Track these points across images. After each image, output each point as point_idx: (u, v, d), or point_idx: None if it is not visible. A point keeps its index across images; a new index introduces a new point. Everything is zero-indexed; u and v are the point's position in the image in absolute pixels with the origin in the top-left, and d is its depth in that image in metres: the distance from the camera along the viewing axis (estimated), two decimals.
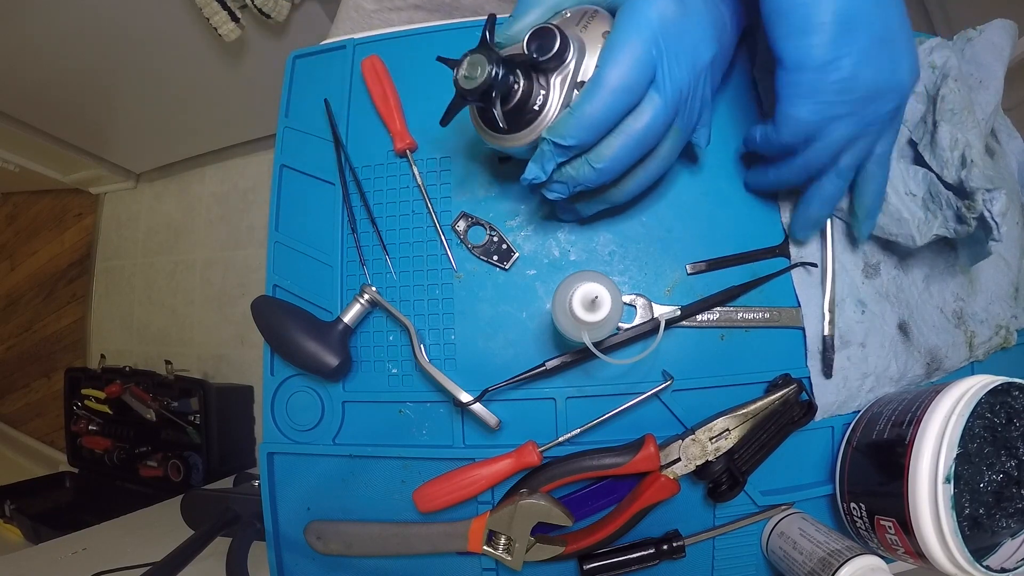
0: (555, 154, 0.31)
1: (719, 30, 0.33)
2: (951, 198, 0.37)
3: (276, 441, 0.43)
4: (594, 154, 0.31)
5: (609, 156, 0.31)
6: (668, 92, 0.30)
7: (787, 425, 0.39)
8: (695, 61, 0.31)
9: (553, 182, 0.33)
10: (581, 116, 0.29)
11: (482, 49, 0.30)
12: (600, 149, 0.31)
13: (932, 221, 0.38)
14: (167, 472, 1.32)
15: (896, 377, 0.41)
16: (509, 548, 0.38)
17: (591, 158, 0.31)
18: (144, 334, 1.61)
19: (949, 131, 0.38)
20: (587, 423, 0.40)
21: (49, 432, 1.68)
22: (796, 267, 0.41)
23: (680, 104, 0.31)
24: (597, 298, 0.32)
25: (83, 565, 0.74)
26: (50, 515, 1.27)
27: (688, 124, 0.33)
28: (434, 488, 0.40)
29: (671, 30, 0.29)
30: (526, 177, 0.32)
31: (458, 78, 0.30)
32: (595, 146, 0.31)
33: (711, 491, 0.39)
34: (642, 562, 0.38)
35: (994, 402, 0.33)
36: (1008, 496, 0.32)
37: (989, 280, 0.44)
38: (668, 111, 0.31)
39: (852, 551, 0.34)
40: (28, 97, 1.23)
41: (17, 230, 1.84)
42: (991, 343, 0.43)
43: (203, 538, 0.55)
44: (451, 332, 0.42)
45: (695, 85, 0.31)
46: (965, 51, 0.44)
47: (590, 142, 0.31)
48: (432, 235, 0.44)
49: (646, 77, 0.29)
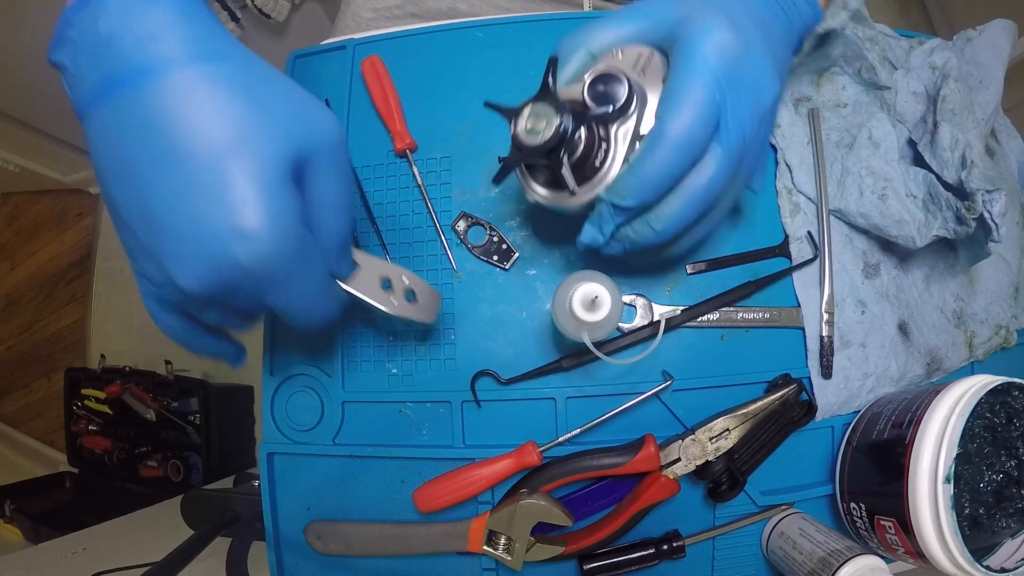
0: (615, 216, 0.29)
1: (779, 63, 0.30)
2: (951, 199, 0.37)
3: (276, 441, 0.43)
4: (654, 215, 0.29)
5: (670, 216, 0.29)
6: (732, 143, 0.28)
7: (787, 425, 0.39)
8: (758, 102, 0.28)
9: (611, 242, 0.31)
10: (643, 175, 0.27)
11: (547, 98, 0.27)
12: (661, 209, 0.29)
13: (932, 222, 0.38)
14: (167, 472, 1.32)
15: (896, 377, 0.41)
16: (509, 548, 0.38)
17: (651, 219, 0.29)
18: (144, 334, 1.61)
19: (950, 131, 0.38)
20: (587, 423, 0.40)
21: (49, 432, 1.67)
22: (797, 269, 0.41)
23: (744, 153, 0.29)
24: (597, 298, 0.32)
25: (83, 565, 0.74)
26: (50, 515, 1.27)
27: (749, 172, 0.31)
28: (434, 488, 0.40)
29: (731, 69, 0.27)
30: (583, 241, 0.30)
31: (518, 132, 0.27)
32: (656, 205, 0.29)
33: (711, 491, 0.39)
34: (642, 562, 0.38)
35: (994, 402, 0.33)
36: (1008, 496, 0.32)
37: (989, 280, 0.44)
38: (732, 164, 0.28)
39: (852, 551, 0.34)
40: (28, 97, 1.23)
41: (17, 230, 1.83)
42: (991, 343, 0.43)
43: (203, 538, 0.55)
44: (451, 332, 0.42)
45: (757, 130, 0.29)
46: (965, 51, 0.44)
47: (651, 202, 0.28)
48: (432, 235, 0.44)
49: (710, 127, 0.27)
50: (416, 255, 0.44)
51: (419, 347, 0.43)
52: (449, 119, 0.45)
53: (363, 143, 0.46)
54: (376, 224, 0.44)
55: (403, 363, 0.43)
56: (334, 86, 0.47)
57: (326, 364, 0.43)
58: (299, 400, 0.43)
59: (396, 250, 0.44)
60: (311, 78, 0.48)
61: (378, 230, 0.44)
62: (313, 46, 0.49)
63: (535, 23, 0.46)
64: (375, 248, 0.44)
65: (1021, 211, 0.46)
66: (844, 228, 0.42)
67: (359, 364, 0.43)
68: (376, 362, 0.43)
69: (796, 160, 0.42)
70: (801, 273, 0.41)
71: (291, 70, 0.49)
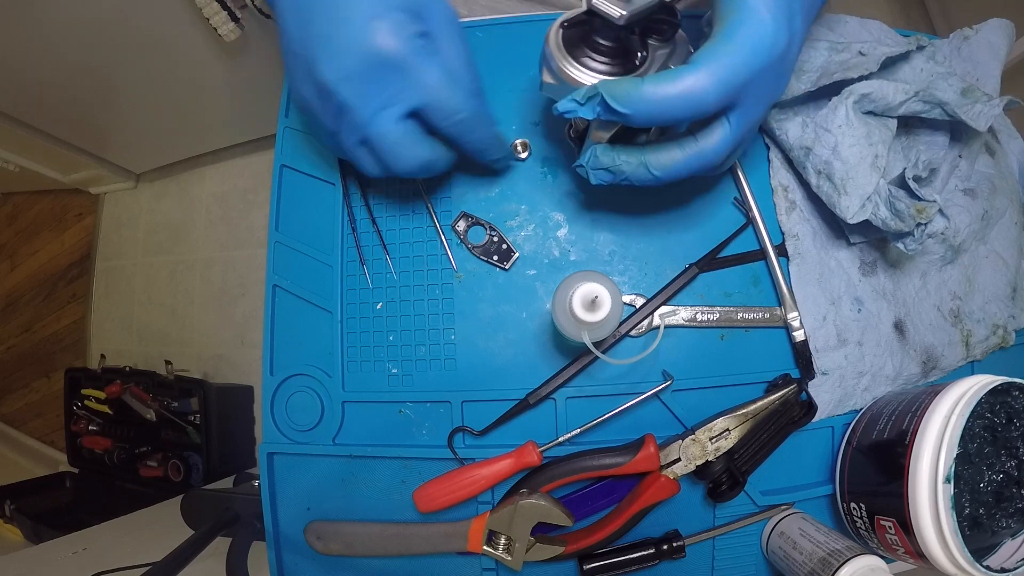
0: (596, 108, 0.29)
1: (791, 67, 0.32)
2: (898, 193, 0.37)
3: (276, 441, 0.43)
4: (655, 160, 0.31)
5: (672, 166, 0.31)
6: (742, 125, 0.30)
7: (787, 425, 0.39)
8: (772, 100, 0.31)
9: (603, 169, 0.33)
10: (648, 93, 0.28)
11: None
12: (662, 157, 0.31)
13: (873, 207, 0.37)
14: (167, 472, 1.32)
15: (892, 376, 0.41)
16: (509, 548, 0.38)
17: (651, 163, 0.31)
18: (144, 334, 1.61)
19: None
20: (587, 423, 0.40)
21: (49, 432, 1.67)
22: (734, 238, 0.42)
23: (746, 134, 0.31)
24: (597, 298, 0.32)
25: (83, 565, 0.74)
26: (50, 515, 1.27)
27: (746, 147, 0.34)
28: (434, 488, 0.40)
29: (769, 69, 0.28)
30: (558, 108, 0.31)
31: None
32: (658, 151, 0.31)
33: (711, 491, 0.39)
34: (642, 562, 0.39)
35: (994, 402, 0.33)
36: (1008, 496, 0.32)
37: (987, 280, 0.44)
38: (737, 140, 0.30)
39: (852, 551, 0.34)
40: (28, 97, 1.23)
41: (17, 230, 1.83)
42: (988, 343, 0.43)
43: (203, 538, 0.55)
44: (451, 332, 0.42)
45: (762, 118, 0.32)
46: (962, 50, 0.44)
47: (635, 123, 0.29)
48: (432, 235, 0.44)
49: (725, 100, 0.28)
50: (416, 255, 0.44)
51: (419, 347, 0.43)
52: None
53: None
54: (376, 224, 0.44)
55: (403, 363, 0.43)
56: None
57: (326, 364, 0.43)
58: (299, 400, 0.43)
59: (396, 250, 0.44)
60: None
61: (378, 230, 0.44)
62: None
63: (535, 23, 0.46)
64: (375, 248, 0.44)
65: (1021, 211, 0.46)
66: (842, 226, 0.42)
67: (359, 364, 0.43)
68: (376, 362, 0.43)
69: None
70: (797, 271, 0.41)
71: None
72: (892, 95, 0.38)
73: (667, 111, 0.28)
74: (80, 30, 1.05)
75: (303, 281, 0.45)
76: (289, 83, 0.35)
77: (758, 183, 0.43)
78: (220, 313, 1.53)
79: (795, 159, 0.41)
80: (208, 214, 1.59)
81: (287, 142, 0.47)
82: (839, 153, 0.38)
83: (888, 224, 0.36)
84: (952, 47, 0.44)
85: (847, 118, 0.38)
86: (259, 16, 1.00)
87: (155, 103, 1.31)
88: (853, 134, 0.38)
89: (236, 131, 1.50)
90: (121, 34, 1.08)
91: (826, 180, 0.39)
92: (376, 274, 0.44)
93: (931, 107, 0.39)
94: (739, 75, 0.27)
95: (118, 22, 1.04)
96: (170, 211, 1.64)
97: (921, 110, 0.39)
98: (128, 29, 1.06)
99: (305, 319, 0.44)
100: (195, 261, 1.58)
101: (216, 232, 1.58)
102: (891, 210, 0.36)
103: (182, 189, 1.64)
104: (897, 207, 0.36)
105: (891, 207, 0.36)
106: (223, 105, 1.36)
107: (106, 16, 1.02)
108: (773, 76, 0.29)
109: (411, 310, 0.43)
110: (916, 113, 0.39)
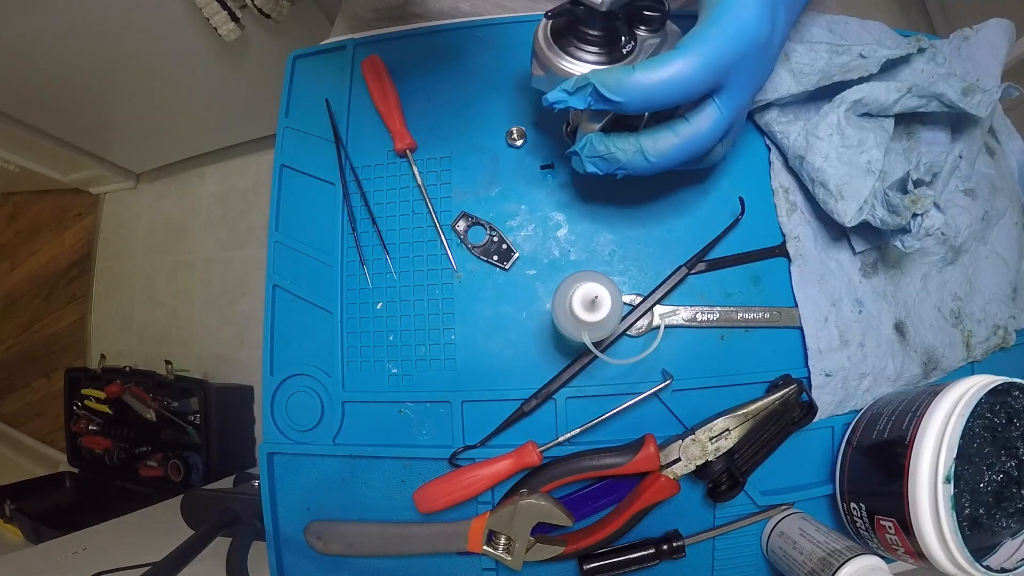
0: (591, 101, 0.29)
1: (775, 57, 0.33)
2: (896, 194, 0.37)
3: (276, 441, 0.43)
4: (650, 145, 0.31)
5: (666, 152, 0.31)
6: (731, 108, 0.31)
7: (787, 425, 0.39)
8: (757, 86, 0.32)
9: (598, 157, 0.33)
10: (640, 79, 0.28)
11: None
12: (658, 143, 0.31)
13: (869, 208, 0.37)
14: (167, 472, 1.32)
15: (893, 377, 0.41)
16: (509, 548, 0.38)
17: (647, 149, 0.31)
18: (144, 334, 1.61)
19: None
20: (587, 423, 0.40)
21: (49, 432, 1.67)
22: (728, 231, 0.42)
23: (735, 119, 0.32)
24: (597, 298, 0.32)
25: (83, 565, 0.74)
26: (50, 515, 1.27)
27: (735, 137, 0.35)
28: (434, 488, 0.40)
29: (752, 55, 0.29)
30: (548, 99, 0.31)
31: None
32: (653, 137, 0.31)
33: (711, 491, 0.39)
34: (642, 562, 0.39)
35: (994, 402, 0.33)
36: (1008, 496, 0.32)
37: (987, 280, 0.44)
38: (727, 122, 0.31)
39: (852, 551, 0.34)
40: (28, 97, 1.23)
41: (17, 230, 1.83)
42: (989, 343, 0.43)
43: (203, 538, 0.55)
44: (451, 332, 0.42)
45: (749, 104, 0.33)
46: (962, 50, 0.44)
47: (628, 110, 0.29)
48: (432, 235, 0.44)
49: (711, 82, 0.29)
50: (416, 255, 0.44)
51: (419, 347, 0.43)
52: (449, 119, 0.45)
53: (363, 143, 0.46)
54: (376, 224, 0.44)
55: (403, 363, 0.43)
56: (334, 86, 0.47)
57: (326, 364, 0.43)
58: (299, 400, 0.43)
59: (396, 250, 0.44)
60: (311, 78, 0.48)
61: (378, 230, 0.44)
62: (313, 46, 0.49)
63: (535, 23, 0.46)
64: (375, 248, 0.44)
65: (1021, 211, 0.46)
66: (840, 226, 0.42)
67: (359, 364, 0.43)
68: (376, 362, 0.43)
69: None
70: (798, 272, 0.41)
71: (291, 70, 0.49)
72: (884, 95, 0.38)
73: (658, 96, 0.29)
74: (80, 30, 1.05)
75: (303, 281, 0.45)
76: None
77: (759, 184, 0.43)
78: (220, 313, 1.53)
79: (793, 166, 0.41)
80: (208, 214, 1.59)
81: (287, 142, 0.47)
82: (831, 161, 0.38)
83: (886, 222, 0.36)
84: (952, 47, 0.44)
85: (838, 126, 0.38)
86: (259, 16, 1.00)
87: (155, 103, 1.31)
88: (845, 143, 0.38)
89: (236, 131, 1.50)
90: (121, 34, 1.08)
91: (820, 187, 0.39)
92: (376, 274, 0.44)
93: (928, 100, 0.39)
94: (724, 58, 0.28)
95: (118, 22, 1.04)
96: (170, 211, 1.64)
97: (917, 105, 0.39)
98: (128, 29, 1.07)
99: (305, 319, 0.44)
100: (195, 261, 1.58)
101: (216, 232, 1.58)
102: (887, 207, 0.36)
103: (182, 189, 1.64)
104: (892, 202, 0.36)
105: (887, 205, 0.36)
106: (223, 105, 1.36)
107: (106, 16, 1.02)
108: (756, 62, 0.30)
109: (411, 310, 0.43)
110: (913, 109, 0.39)
